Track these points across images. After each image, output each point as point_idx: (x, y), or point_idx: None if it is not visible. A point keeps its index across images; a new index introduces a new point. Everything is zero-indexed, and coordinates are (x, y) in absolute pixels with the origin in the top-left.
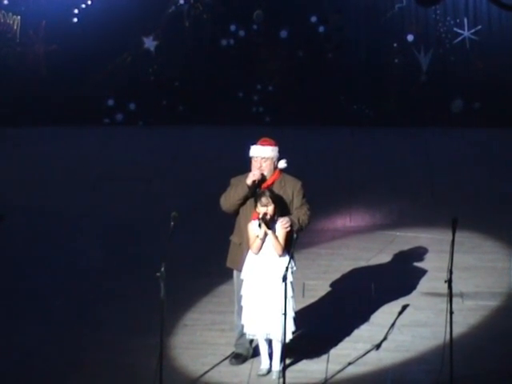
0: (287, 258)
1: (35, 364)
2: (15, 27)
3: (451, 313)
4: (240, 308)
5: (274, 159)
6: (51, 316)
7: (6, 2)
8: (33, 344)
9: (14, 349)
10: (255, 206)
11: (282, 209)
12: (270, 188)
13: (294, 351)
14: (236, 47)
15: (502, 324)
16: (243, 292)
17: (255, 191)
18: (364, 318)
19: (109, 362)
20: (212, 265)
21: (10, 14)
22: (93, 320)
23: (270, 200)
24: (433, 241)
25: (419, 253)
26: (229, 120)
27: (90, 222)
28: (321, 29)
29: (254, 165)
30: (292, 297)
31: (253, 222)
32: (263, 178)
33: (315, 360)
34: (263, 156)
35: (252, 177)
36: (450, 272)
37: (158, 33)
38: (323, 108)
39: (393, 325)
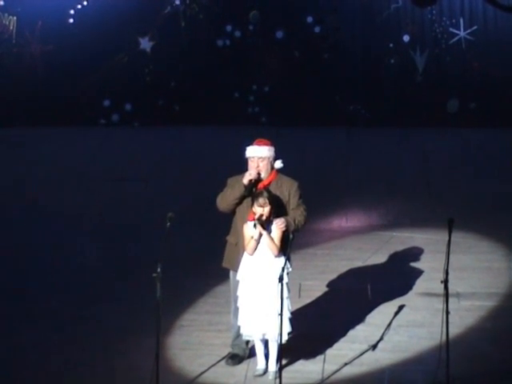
0: (283, 258)
1: (33, 364)
2: (11, 28)
3: (447, 313)
4: (236, 308)
5: (271, 159)
6: (49, 316)
7: (1, 2)
8: (30, 344)
9: (12, 349)
10: (252, 205)
11: (278, 210)
12: (268, 188)
13: (290, 351)
14: (232, 48)
15: (499, 324)
16: (239, 293)
17: (251, 191)
18: (360, 319)
19: (105, 363)
20: (208, 265)
21: (6, 14)
22: (89, 320)
23: (267, 201)
24: (429, 241)
25: (415, 253)
26: (225, 120)
27: (86, 222)
28: (317, 29)
29: (251, 165)
30: (288, 297)
31: (248, 223)
32: (260, 178)
33: (311, 360)
34: (260, 156)
35: (248, 176)
36: (446, 272)
37: (153, 33)
38: (319, 108)
39: (389, 325)
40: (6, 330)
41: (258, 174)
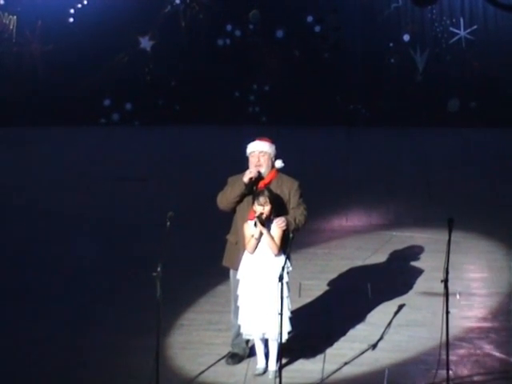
0: (283, 257)
1: (33, 364)
2: (11, 27)
3: (447, 313)
4: (236, 307)
5: (272, 155)
6: (49, 316)
7: (2, 1)
8: (31, 344)
9: (13, 349)
10: (253, 203)
11: (279, 209)
12: (269, 187)
13: (290, 351)
14: (232, 47)
15: (498, 324)
16: (239, 292)
17: (252, 189)
18: (360, 318)
19: (105, 362)
20: (208, 265)
21: (6, 13)
22: (89, 320)
23: (267, 200)
24: (429, 241)
25: (415, 252)
26: (225, 120)
27: (86, 221)
28: (317, 28)
29: (252, 161)
30: (287, 297)
31: (249, 221)
32: (260, 176)
33: (311, 360)
34: (261, 150)
35: (249, 174)
36: (447, 272)
37: (154, 33)
38: (319, 108)
39: (389, 324)
40: (6, 330)
41: (259, 172)
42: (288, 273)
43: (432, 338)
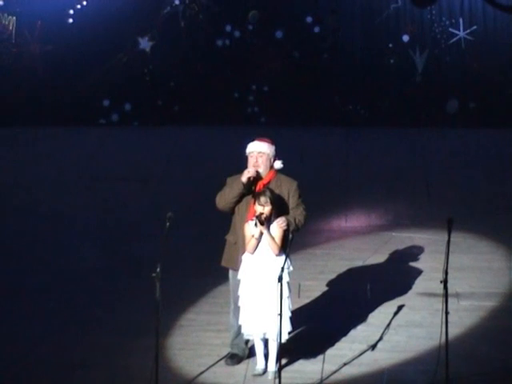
0: (283, 258)
1: (32, 364)
2: (11, 28)
3: (447, 313)
4: (236, 308)
5: (271, 156)
6: (48, 316)
7: (1, 2)
8: (30, 344)
9: (12, 349)
10: (253, 203)
11: (279, 209)
12: (270, 188)
13: (289, 351)
14: (231, 48)
15: (498, 324)
16: (240, 292)
17: (250, 189)
18: (360, 319)
19: (104, 363)
20: (208, 265)
21: (6, 14)
22: (89, 320)
23: (268, 200)
24: (428, 241)
25: (415, 253)
26: (224, 120)
27: (86, 222)
28: (316, 29)
29: (250, 161)
30: (288, 297)
31: (249, 222)
32: (258, 176)
33: (311, 360)
34: (259, 150)
35: (247, 174)
36: (446, 272)
37: (153, 33)
38: (318, 108)
39: (388, 325)
40: (6, 330)
41: (257, 172)
42: (289, 273)
43: (431, 338)
